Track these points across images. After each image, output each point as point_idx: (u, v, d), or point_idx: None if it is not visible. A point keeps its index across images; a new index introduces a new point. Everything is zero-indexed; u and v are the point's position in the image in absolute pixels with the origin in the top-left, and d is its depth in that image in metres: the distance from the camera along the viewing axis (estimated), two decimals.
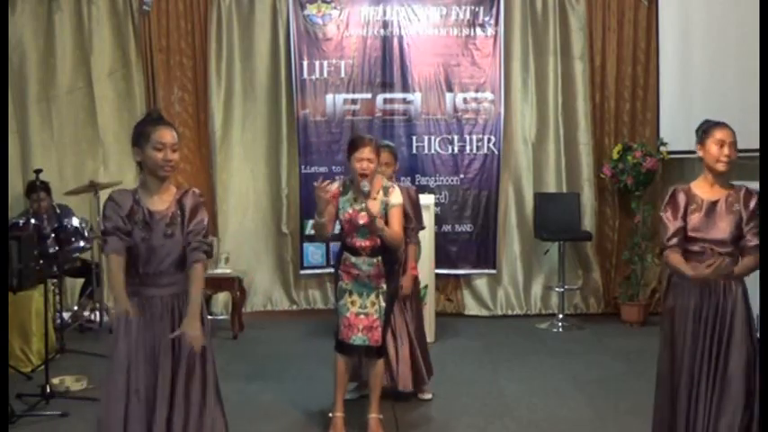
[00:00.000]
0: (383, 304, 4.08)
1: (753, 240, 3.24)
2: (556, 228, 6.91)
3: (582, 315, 7.22)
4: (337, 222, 4.20)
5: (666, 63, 6.99)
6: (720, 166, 3.30)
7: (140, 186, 3.09)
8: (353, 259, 4.09)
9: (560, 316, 6.86)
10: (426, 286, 6.28)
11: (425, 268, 6.31)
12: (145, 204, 3.02)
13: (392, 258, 4.15)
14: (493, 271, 7.29)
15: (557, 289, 6.96)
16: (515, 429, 4.40)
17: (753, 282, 3.51)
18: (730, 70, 6.18)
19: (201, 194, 3.16)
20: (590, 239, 7.11)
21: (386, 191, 4.10)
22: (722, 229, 3.27)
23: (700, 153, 3.37)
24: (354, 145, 4.06)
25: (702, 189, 3.36)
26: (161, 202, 3.04)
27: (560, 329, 6.74)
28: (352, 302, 4.09)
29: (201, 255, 3.04)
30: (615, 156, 6.91)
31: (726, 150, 3.28)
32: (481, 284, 7.32)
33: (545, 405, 4.78)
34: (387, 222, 4.01)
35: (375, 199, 4.06)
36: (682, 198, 3.35)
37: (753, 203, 3.29)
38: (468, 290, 7.33)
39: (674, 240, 3.33)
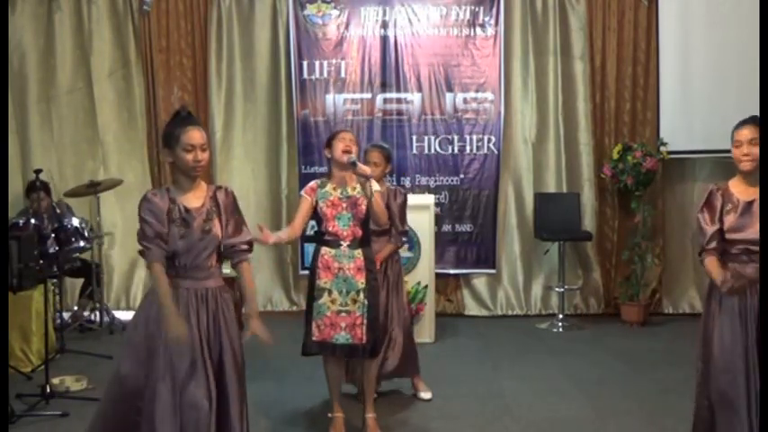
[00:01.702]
0: (366, 301, 3.99)
1: None
2: (556, 228, 6.91)
3: (582, 315, 7.21)
4: (312, 225, 4.20)
5: (666, 63, 6.99)
6: (743, 166, 3.32)
7: (173, 185, 3.17)
8: (333, 252, 4.00)
9: (560, 316, 6.85)
10: (426, 286, 6.29)
11: (425, 268, 6.32)
12: (180, 202, 3.10)
13: (372, 255, 4.12)
14: (493, 271, 7.28)
15: (557, 289, 6.95)
16: (515, 429, 4.39)
17: None
18: (730, 70, 6.19)
19: (232, 191, 3.24)
20: (590, 239, 7.10)
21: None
22: (756, 228, 3.25)
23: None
24: (332, 134, 4.22)
25: (739, 188, 3.37)
26: (195, 199, 3.13)
27: (560, 329, 6.74)
28: (333, 301, 3.98)
29: (245, 255, 3.23)
30: (615, 156, 6.91)
31: (744, 149, 3.30)
32: (481, 284, 7.32)
33: (545, 405, 4.78)
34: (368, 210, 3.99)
35: (354, 189, 4.03)
36: (718, 199, 3.36)
37: None
38: (467, 290, 7.33)
39: (713, 244, 3.34)
